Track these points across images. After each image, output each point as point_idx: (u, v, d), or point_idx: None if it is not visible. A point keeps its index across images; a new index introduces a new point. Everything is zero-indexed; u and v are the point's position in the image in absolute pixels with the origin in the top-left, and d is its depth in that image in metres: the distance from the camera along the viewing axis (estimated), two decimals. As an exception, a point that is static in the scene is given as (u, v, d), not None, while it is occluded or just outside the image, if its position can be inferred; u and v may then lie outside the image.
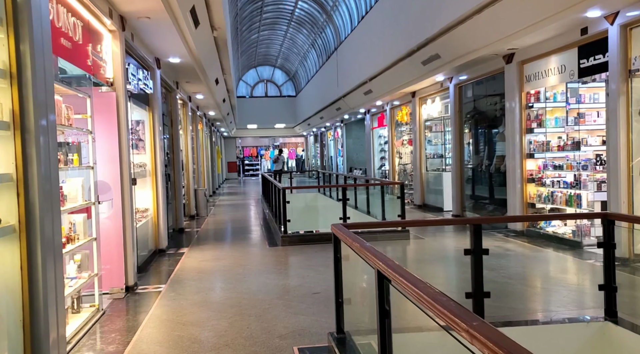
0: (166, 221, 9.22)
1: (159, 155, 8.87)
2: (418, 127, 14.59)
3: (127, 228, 6.32)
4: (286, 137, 41.15)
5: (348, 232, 3.55)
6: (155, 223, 8.82)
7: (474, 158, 11.90)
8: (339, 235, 3.76)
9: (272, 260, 7.95)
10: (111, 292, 6.09)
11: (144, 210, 8.40)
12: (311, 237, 9.23)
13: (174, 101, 11.66)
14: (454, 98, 12.03)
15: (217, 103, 16.88)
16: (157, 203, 8.85)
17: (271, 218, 12.30)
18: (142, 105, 8.45)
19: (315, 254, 8.16)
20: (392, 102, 16.94)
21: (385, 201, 10.78)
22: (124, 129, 6.27)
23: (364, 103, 18.38)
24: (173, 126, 11.64)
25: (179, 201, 11.75)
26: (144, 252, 8.21)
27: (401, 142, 17.05)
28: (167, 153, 10.78)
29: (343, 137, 26.01)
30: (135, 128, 8.63)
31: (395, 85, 14.28)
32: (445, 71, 11.38)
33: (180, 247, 9.37)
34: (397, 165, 17.18)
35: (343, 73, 19.69)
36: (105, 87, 6.09)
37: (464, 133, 12.06)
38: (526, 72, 9.23)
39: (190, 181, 14.25)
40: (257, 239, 10.14)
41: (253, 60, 35.50)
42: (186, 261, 8.01)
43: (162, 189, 8.93)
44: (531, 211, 9.37)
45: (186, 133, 14.15)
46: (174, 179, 11.61)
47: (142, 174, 8.39)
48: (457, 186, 12.03)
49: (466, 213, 11.82)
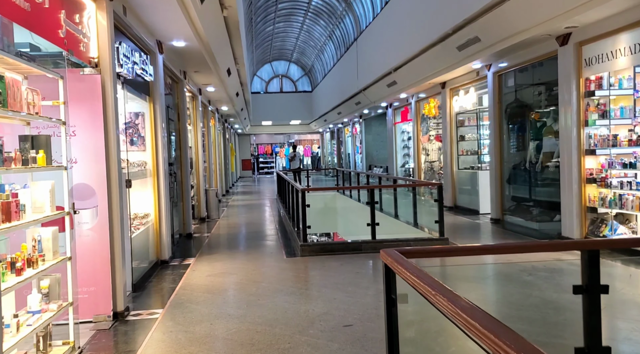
0: (170, 227, 8.10)
1: (161, 153, 7.75)
2: (449, 121, 13.31)
3: (116, 241, 5.19)
4: (301, 134, 40.02)
5: (415, 269, 2.33)
6: (156, 230, 7.70)
7: (516, 155, 10.60)
8: (398, 268, 2.54)
9: (290, 275, 6.78)
10: (95, 321, 4.97)
11: (143, 216, 7.29)
12: (334, 246, 8.05)
13: (182, 93, 10.55)
14: (492, 88, 10.73)
15: (230, 97, 15.76)
16: (159, 207, 7.74)
17: (287, 221, 11.14)
18: (142, 95, 7.33)
19: (340, 268, 6.97)
20: (418, 94, 15.66)
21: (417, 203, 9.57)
22: (112, 120, 5.13)
23: (386, 97, 17.12)
24: (180, 121, 10.53)
25: (187, 203, 10.64)
26: (144, 263, 7.11)
27: (427, 138, 15.77)
28: (173, 150, 9.68)
29: (362, 133, 24.76)
30: (133, 122, 7.53)
31: (424, 75, 13.01)
32: (483, 57, 10.09)
33: (186, 257, 8.25)
34: (423, 163, 15.91)
35: (363, 65, 18.44)
36: (88, 68, 4.96)
37: (503, 127, 10.75)
38: (585, 55, 7.91)
39: (201, 181, 13.15)
40: (272, 247, 8.98)
41: (268, 54, 34.37)
42: (191, 276, 6.88)
43: (165, 191, 7.81)
44: (591, 216, 8.06)
45: (196, 129, 13.05)
46: (182, 179, 10.51)
47: (141, 174, 7.28)
48: (497, 186, 10.73)
49: (507, 216, 10.52)
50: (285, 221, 11.75)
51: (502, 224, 10.46)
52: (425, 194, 13.25)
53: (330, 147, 35.97)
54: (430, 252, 2.73)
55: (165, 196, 7.82)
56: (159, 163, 7.72)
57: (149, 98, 7.63)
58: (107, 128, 5.10)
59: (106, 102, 5.07)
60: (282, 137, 40.95)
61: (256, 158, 40.36)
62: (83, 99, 4.92)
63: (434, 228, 8.95)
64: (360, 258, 7.60)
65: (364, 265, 7.35)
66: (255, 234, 10.74)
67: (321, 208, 9.79)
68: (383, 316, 4.65)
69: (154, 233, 7.68)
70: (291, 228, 9.97)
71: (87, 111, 4.96)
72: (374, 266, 7.15)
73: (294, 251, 8.26)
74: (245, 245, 9.43)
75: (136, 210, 7.25)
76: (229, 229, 11.64)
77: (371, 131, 24.57)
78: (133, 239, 6.52)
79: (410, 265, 2.50)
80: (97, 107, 4.98)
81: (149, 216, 7.50)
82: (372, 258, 7.62)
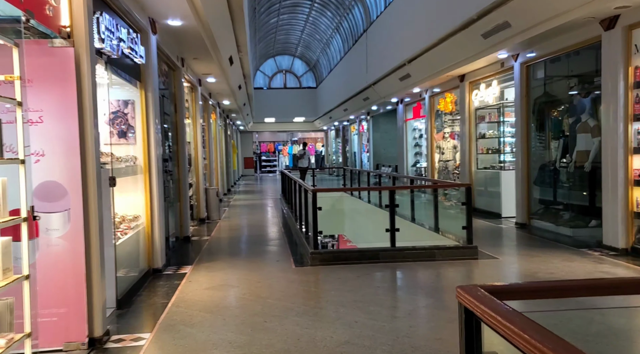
0: (163, 231, 7.19)
1: (154, 147, 6.84)
2: (467, 117, 12.37)
3: (94, 250, 4.28)
4: (305, 132, 39.08)
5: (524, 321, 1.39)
6: (148, 234, 6.79)
7: (544, 154, 9.68)
8: (488, 316, 1.61)
9: (301, 290, 5.86)
10: (66, 349, 4.06)
11: (132, 218, 6.38)
12: (349, 255, 7.13)
13: (179, 83, 9.63)
14: (520, 81, 9.79)
15: (232, 90, 14.84)
16: (152, 208, 6.83)
17: (294, 224, 10.23)
18: (131, 80, 6.42)
19: (358, 282, 6.06)
20: (432, 88, 14.73)
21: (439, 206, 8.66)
22: (90, 104, 4.22)
23: (397, 91, 16.19)
24: (177, 113, 9.61)
25: (185, 203, 9.73)
26: (134, 272, 6.23)
27: (442, 135, 14.84)
28: (168, 145, 8.77)
29: (369, 130, 23.82)
30: (122, 111, 6.62)
31: (441, 66, 12.08)
32: (511, 46, 9.17)
33: (182, 264, 7.35)
34: (437, 162, 14.97)
35: (373, 58, 17.50)
36: (58, 39, 4.04)
37: (531, 123, 9.82)
38: (636, 40, 6.98)
39: (200, 179, 12.23)
40: (279, 253, 8.06)
41: (271, 48, 33.42)
42: (187, 288, 5.97)
43: (158, 190, 6.90)
44: (639, 223, 7.14)
45: (195, 123, 12.13)
46: (179, 177, 9.60)
47: (130, 171, 6.37)
48: (523, 188, 9.80)
49: (534, 221, 9.59)
50: (291, 223, 10.85)
51: (528, 229, 9.54)
52: (440, 195, 12.31)
53: (335, 145, 35.03)
54: (537, 291, 1.81)
55: (158, 195, 6.91)
56: (151, 158, 6.80)
57: (140, 84, 6.71)
58: (83, 114, 4.19)
59: (82, 82, 4.15)
60: (285, 135, 40.03)
61: (258, 156, 39.43)
62: (53, 78, 4.01)
63: (457, 233, 8.05)
64: (378, 269, 6.69)
65: (384, 277, 6.44)
66: (259, 238, 9.83)
67: (328, 211, 8.83)
68: (420, 349, 3.72)
69: (145, 237, 6.77)
70: (298, 232, 9.06)
71: (58, 93, 4.04)
72: (397, 280, 6.24)
73: (303, 259, 7.35)
74: (249, 251, 8.51)
75: (124, 212, 6.35)
76: (231, 232, 10.73)
77: (379, 128, 23.63)
78: (119, 246, 5.62)
79: (512, 314, 1.58)
80: (70, 88, 4.06)
81: (139, 219, 6.59)
82: (392, 269, 6.70)
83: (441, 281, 6.18)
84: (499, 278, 6.29)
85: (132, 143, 6.71)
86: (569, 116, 9.02)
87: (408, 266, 6.79)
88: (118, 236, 5.72)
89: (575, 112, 8.79)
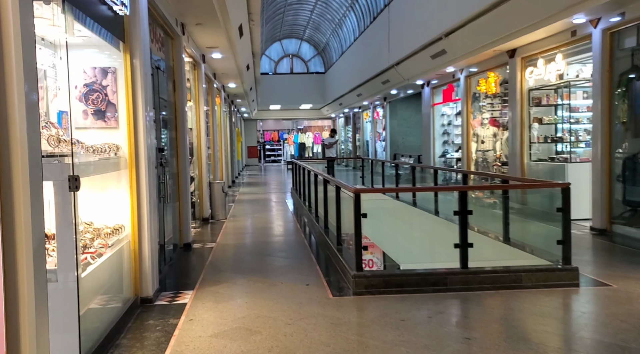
0: (155, 246, 5.36)
1: (144, 132, 5.01)
2: (519, 99, 10.49)
3: (22, 290, 2.47)
4: (311, 120, 37.15)
5: None
6: (134, 251, 4.97)
7: (634, 144, 7.81)
8: None
9: (352, 341, 4.03)
10: None
11: (111, 232, 4.55)
12: (405, 279, 5.28)
13: (179, 54, 7.77)
14: (601, 51, 7.89)
15: (240, 70, 12.95)
16: (140, 215, 5.00)
17: (318, 229, 8.41)
18: (111, 39, 4.58)
19: (432, 326, 4.23)
20: (469, 68, 12.83)
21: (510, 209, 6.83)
22: (11, 54, 2.38)
23: (426, 72, 14.28)
24: (177, 92, 7.77)
25: (185, 202, 7.93)
26: (115, 303, 4.44)
27: (480, 122, 12.96)
28: (165, 131, 6.93)
29: (386, 117, 21.90)
30: (98, 83, 4.79)
31: (489, 39, 10.18)
32: (591, 7, 7.27)
33: (180, 288, 5.55)
34: (474, 152, 13.11)
35: (397, 35, 15.56)
36: None
37: (614, 104, 7.94)
38: None
39: (204, 171, 10.41)
40: (305, 271, 6.23)
41: (278, 31, 31.39)
42: (187, 334, 4.16)
43: (149, 190, 5.08)
44: None
45: (198, 107, 10.29)
46: (178, 170, 7.78)
47: (108, 165, 4.55)
48: (602, 185, 7.95)
49: (617, 226, 7.76)
50: (313, 228, 9.03)
51: (610, 236, 7.72)
52: (488, 194, 10.46)
53: (344, 134, 33.11)
54: None
55: (149, 197, 5.08)
56: (139, 147, 4.97)
57: (124, 45, 4.86)
58: (5, 75, 2.35)
59: (2, 24, 2.31)
60: (290, 123, 38.11)
61: (262, 145, 37.55)
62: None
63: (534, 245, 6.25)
64: (453, 303, 4.87)
65: (468, 319, 4.58)
66: (276, 246, 8.01)
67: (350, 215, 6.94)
68: None
69: (131, 256, 4.95)
70: (327, 241, 7.24)
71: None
72: (490, 323, 4.37)
73: (342, 284, 5.53)
74: (265, 266, 6.68)
75: (101, 223, 4.53)
76: (240, 237, 8.92)
77: (397, 115, 21.71)
78: (93, 272, 3.84)
79: None
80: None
81: (122, 231, 4.77)
82: (472, 303, 4.86)
83: (553, 326, 4.33)
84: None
85: (114, 127, 4.88)
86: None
87: (491, 296, 4.97)
88: (87, 261, 3.91)
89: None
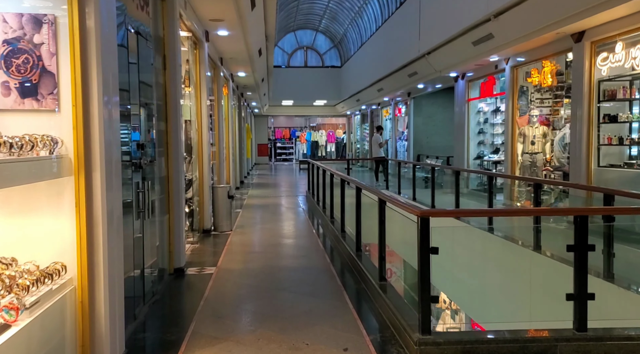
0: (119, 289, 3.58)
1: (101, 118, 3.24)
2: (585, 93, 8.61)
3: None
4: (325, 117, 35.30)
5: None
6: (82, 305, 3.21)
7: None
8: None
9: None
10: None
11: (38, 278, 2.79)
12: (493, 347, 3.49)
13: (171, 19, 6.02)
14: None
15: (250, 54, 11.20)
16: (92, 248, 3.23)
17: (353, 257, 6.60)
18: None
19: None
20: (516, 57, 10.97)
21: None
22: None
23: (464, 61, 12.42)
24: (168, 69, 6.02)
25: (178, 214, 6.18)
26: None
27: (527, 119, 11.12)
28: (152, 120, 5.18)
29: (410, 115, 20.05)
30: (24, 39, 3.06)
31: (553, 19, 8.32)
32: None
33: (160, 350, 3.79)
34: (521, 155, 11.26)
35: (431, 19, 13.71)
36: None
37: None
38: None
39: (206, 173, 8.66)
40: (341, 326, 4.40)
41: (292, 21, 29.55)
42: None
43: (106, 208, 3.32)
44: None
45: (199, 95, 8.54)
46: (167, 173, 6.03)
47: (40, 170, 2.80)
48: None
49: None
50: (338, 245, 7.23)
51: None
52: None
53: (360, 133, 31.24)
54: None
55: (108, 218, 3.32)
56: (92, 141, 3.21)
57: (70, -18, 3.11)
58: None
59: None
60: (302, 120, 36.28)
61: (273, 143, 35.79)
62: None
63: None
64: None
65: None
66: (296, 278, 6.10)
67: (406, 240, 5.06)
68: None
69: (77, 314, 3.20)
70: (364, 273, 5.44)
71: None
72: None
73: (397, 349, 3.74)
74: (282, 314, 4.80)
75: (21, 265, 2.79)
76: (247, 258, 7.15)
77: (421, 112, 19.86)
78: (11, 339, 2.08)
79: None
80: None
81: (59, 276, 3.01)
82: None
83: None
84: None
85: (50, 110, 3.13)
86: None
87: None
88: None
89: None
